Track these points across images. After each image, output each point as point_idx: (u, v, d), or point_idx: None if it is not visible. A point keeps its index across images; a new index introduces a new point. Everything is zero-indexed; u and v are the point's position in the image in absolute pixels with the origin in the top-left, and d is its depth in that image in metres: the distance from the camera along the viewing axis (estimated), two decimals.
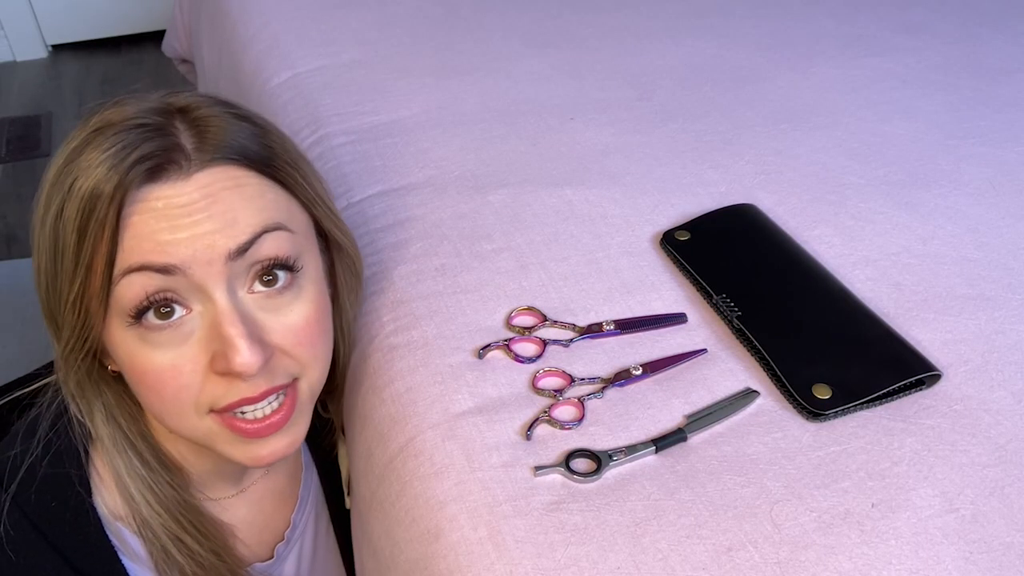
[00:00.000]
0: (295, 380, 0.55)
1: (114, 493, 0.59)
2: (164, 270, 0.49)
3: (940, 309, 0.66)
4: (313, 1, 1.18)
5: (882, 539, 0.49)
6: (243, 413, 0.53)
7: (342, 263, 0.63)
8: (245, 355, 0.49)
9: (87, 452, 0.59)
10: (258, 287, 0.52)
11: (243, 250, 0.50)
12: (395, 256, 0.71)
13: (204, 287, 0.50)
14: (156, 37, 2.65)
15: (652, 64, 1.01)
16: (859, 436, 0.56)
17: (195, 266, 0.49)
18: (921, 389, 0.59)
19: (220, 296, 0.50)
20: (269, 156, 0.53)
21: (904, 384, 0.58)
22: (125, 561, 0.59)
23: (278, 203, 0.53)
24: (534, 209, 0.76)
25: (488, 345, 0.62)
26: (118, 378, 0.58)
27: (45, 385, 0.61)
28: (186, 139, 0.50)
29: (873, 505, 0.51)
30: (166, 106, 0.52)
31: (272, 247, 0.52)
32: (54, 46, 2.63)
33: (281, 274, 0.53)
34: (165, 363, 0.50)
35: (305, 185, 0.56)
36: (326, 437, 0.73)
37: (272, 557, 0.69)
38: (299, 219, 0.56)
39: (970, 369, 0.61)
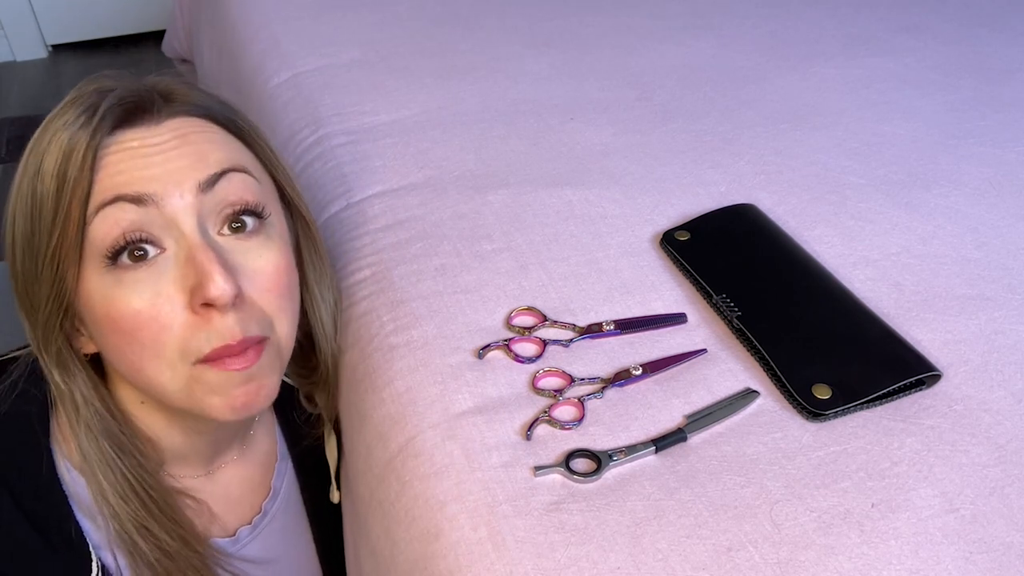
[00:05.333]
0: (267, 338, 0.56)
1: (73, 449, 0.59)
2: (137, 200, 0.51)
3: (940, 309, 0.65)
4: (313, 1, 1.18)
5: (882, 539, 0.49)
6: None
7: (306, 239, 0.65)
8: (219, 282, 0.50)
9: (52, 407, 0.59)
10: (227, 231, 0.55)
11: (212, 182, 0.53)
12: (395, 256, 0.71)
13: (176, 220, 0.52)
14: (156, 37, 2.65)
15: (652, 64, 1.01)
16: (859, 436, 0.56)
17: (168, 197, 0.52)
18: (921, 389, 0.59)
19: (191, 230, 0.52)
20: (234, 118, 0.58)
21: (904, 384, 0.58)
22: (75, 508, 0.58)
23: (243, 153, 0.57)
24: (534, 209, 0.76)
25: (488, 345, 0.62)
26: (90, 361, 0.58)
27: (16, 359, 0.61)
28: (156, 96, 0.55)
29: (873, 505, 0.51)
30: (138, 79, 0.56)
31: (239, 188, 0.55)
32: (54, 46, 2.63)
33: (249, 220, 0.56)
34: (143, 303, 0.51)
35: (267, 150, 0.60)
36: (309, 432, 0.73)
37: (233, 535, 0.69)
38: (263, 177, 0.59)
39: (970, 369, 0.61)
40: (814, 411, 0.56)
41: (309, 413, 0.73)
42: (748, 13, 1.15)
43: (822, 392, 0.57)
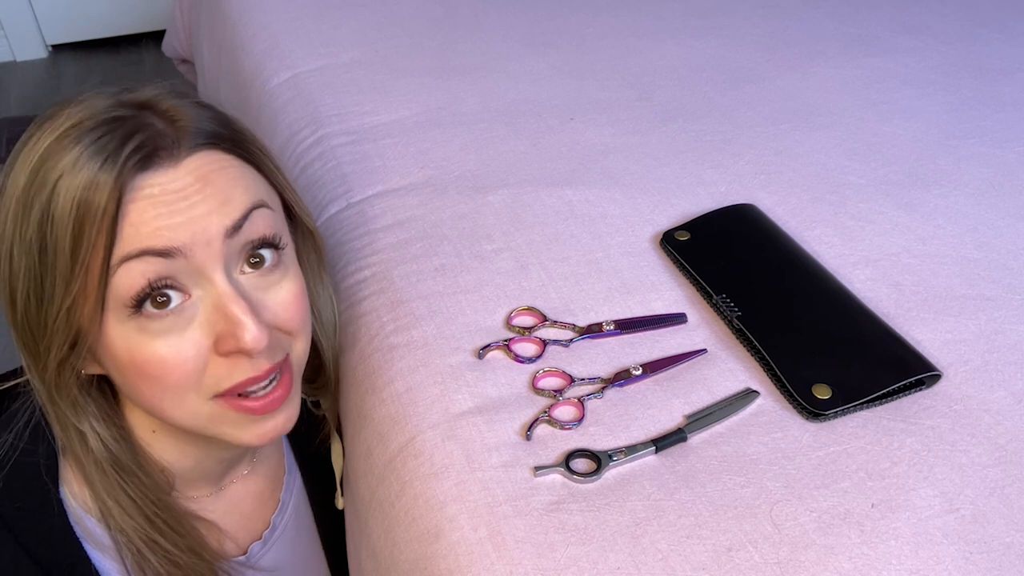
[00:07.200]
0: (287, 355, 0.57)
1: (84, 489, 0.59)
2: (165, 253, 0.49)
3: (940, 309, 0.65)
4: (313, 1, 1.18)
5: (882, 539, 0.49)
6: (249, 393, 0.54)
7: (307, 246, 0.64)
8: (253, 331, 0.50)
9: (62, 446, 0.58)
10: (247, 269, 0.54)
11: (238, 227, 0.52)
12: (395, 256, 0.71)
13: (203, 269, 0.51)
14: (156, 37, 2.65)
15: (652, 64, 1.01)
16: (859, 436, 0.56)
17: (195, 248, 0.50)
18: (921, 389, 0.59)
19: (219, 278, 0.51)
20: (240, 140, 0.55)
21: (904, 384, 0.58)
22: (89, 550, 0.58)
23: (258, 183, 0.56)
24: (534, 209, 0.76)
25: (488, 345, 0.62)
26: (95, 383, 0.57)
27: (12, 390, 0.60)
28: (166, 129, 0.51)
29: (873, 505, 0.51)
30: (130, 100, 0.52)
31: (261, 225, 0.54)
32: (54, 46, 2.63)
33: (267, 254, 0.55)
34: (168, 350, 0.50)
35: (273, 168, 0.59)
36: (315, 437, 0.73)
37: (245, 553, 0.69)
38: (274, 199, 0.58)
39: (970, 369, 0.61)
40: (814, 411, 0.56)
41: (311, 417, 0.73)
42: (748, 13, 1.15)
43: (822, 392, 0.57)
